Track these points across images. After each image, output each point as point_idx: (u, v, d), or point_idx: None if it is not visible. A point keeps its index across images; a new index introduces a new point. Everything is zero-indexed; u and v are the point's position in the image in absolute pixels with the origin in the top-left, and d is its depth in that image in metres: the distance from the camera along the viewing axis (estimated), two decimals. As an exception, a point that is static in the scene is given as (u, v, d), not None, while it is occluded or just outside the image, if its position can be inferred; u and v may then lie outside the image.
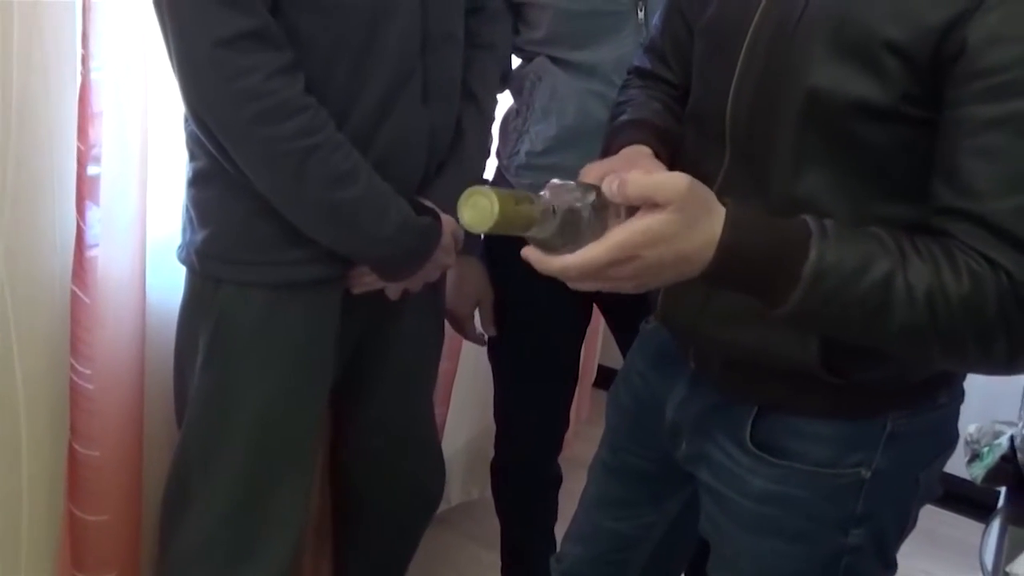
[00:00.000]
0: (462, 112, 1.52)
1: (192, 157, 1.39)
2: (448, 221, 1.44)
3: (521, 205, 0.80)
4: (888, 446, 1.07)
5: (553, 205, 0.83)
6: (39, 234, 1.39)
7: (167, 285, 1.54)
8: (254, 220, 1.35)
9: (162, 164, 1.51)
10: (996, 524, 1.82)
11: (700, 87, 1.13)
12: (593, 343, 2.84)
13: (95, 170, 1.38)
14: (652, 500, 1.31)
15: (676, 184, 0.84)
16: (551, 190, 0.84)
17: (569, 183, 0.86)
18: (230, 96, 1.23)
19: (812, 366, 1.01)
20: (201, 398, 1.43)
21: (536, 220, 0.82)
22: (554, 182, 0.85)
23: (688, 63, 1.16)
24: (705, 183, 1.04)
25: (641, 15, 1.53)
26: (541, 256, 0.85)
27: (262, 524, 1.47)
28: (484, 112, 1.58)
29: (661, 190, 0.83)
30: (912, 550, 1.26)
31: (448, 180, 1.47)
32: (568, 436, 2.04)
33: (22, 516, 1.48)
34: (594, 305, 1.87)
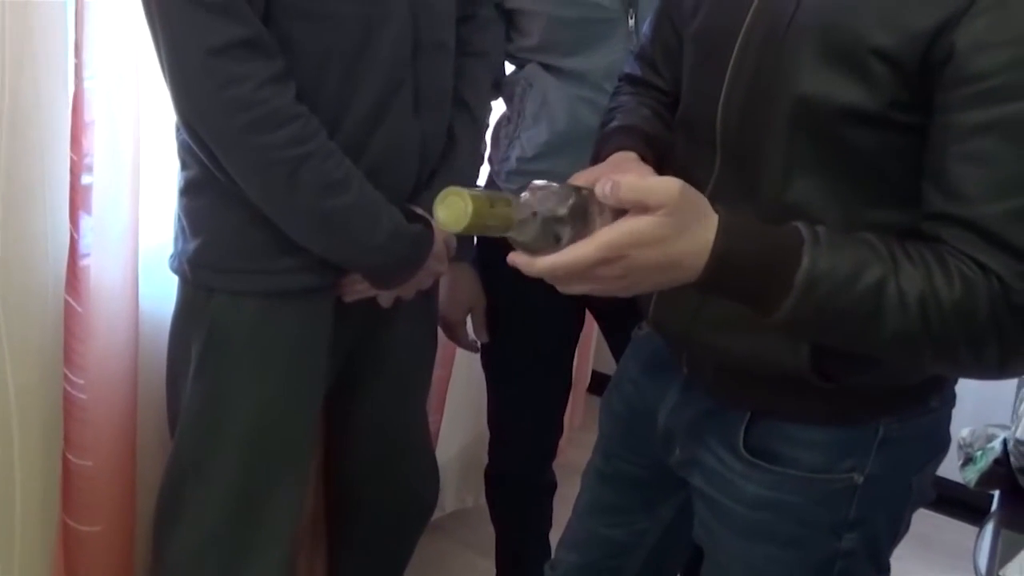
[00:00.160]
0: (454, 120, 1.52)
1: (184, 166, 1.39)
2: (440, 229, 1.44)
3: (497, 206, 0.80)
4: (880, 451, 1.07)
5: (533, 207, 0.83)
6: (31, 244, 1.39)
7: (159, 294, 1.54)
8: (246, 229, 1.35)
9: (154, 173, 1.51)
10: (990, 528, 1.82)
11: (690, 94, 1.13)
12: (587, 349, 2.84)
13: (87, 179, 1.38)
14: (646, 507, 1.31)
15: (669, 188, 0.84)
16: (532, 192, 0.84)
17: (551, 185, 0.85)
18: (222, 105, 1.23)
19: (804, 371, 1.01)
20: (194, 407, 1.43)
21: (514, 222, 0.81)
22: (535, 184, 0.85)
23: (678, 70, 1.16)
24: (695, 189, 1.05)
25: (631, 22, 1.53)
26: (527, 259, 0.85)
27: (256, 533, 1.46)
28: (476, 120, 1.58)
29: (653, 194, 0.84)
30: (905, 554, 1.26)
31: (440, 188, 1.47)
32: (562, 442, 2.04)
33: (15, 526, 1.48)
34: (587, 311, 1.87)
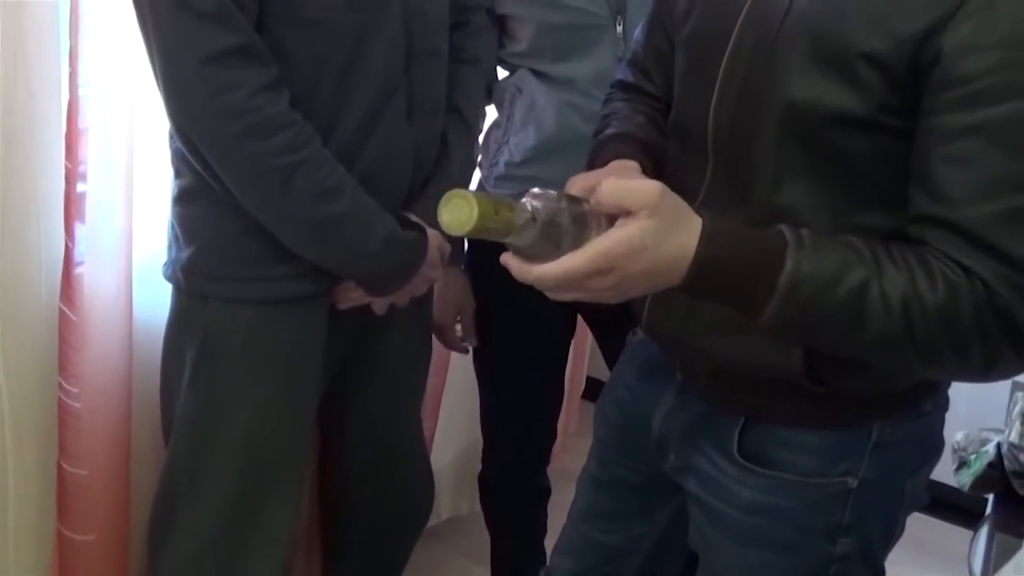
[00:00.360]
0: (447, 127, 1.52)
1: (177, 174, 1.39)
2: (434, 235, 1.44)
3: (501, 211, 0.80)
4: (874, 455, 1.08)
5: (534, 213, 0.83)
6: (25, 253, 1.38)
7: (153, 302, 1.54)
8: (240, 237, 1.35)
9: (148, 182, 1.51)
10: (984, 531, 1.82)
11: (682, 99, 1.13)
12: (582, 355, 2.85)
13: (82, 188, 1.38)
14: (641, 512, 1.31)
15: (648, 189, 0.85)
16: (532, 198, 0.85)
17: (551, 192, 0.86)
18: (216, 112, 1.23)
19: (796, 375, 1.01)
20: (188, 415, 1.43)
21: (515, 227, 0.82)
22: (535, 191, 0.86)
23: (671, 76, 1.17)
24: (688, 195, 1.05)
25: (619, 29, 1.54)
26: (520, 264, 0.86)
27: (251, 540, 1.46)
28: (469, 126, 1.58)
29: (631, 194, 0.85)
30: (900, 558, 1.26)
31: (434, 195, 1.47)
32: (557, 449, 2.04)
33: (9, 535, 1.47)
34: (580, 318, 1.87)
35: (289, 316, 1.41)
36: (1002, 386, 1.96)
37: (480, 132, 1.69)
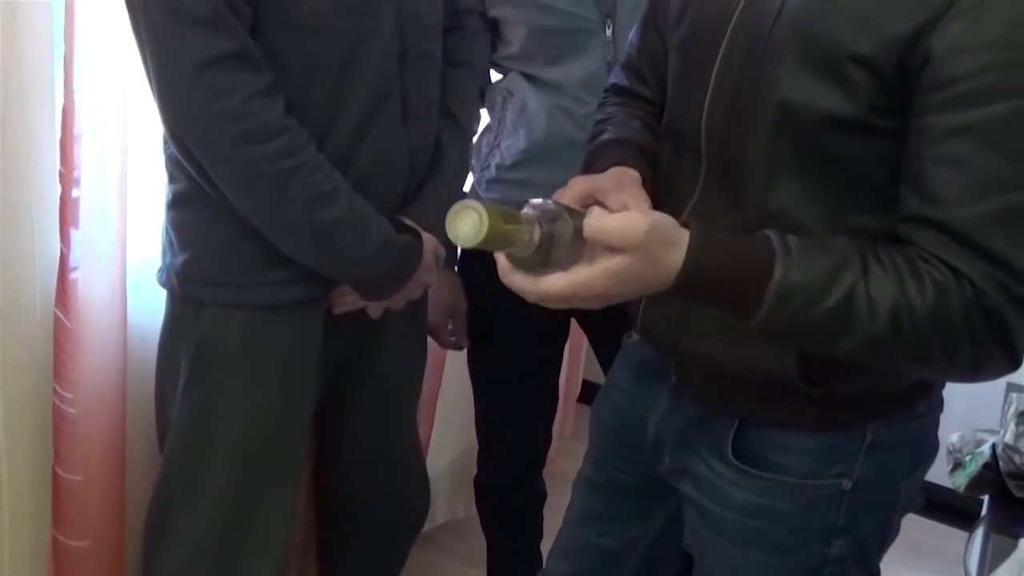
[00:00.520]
0: (441, 130, 1.52)
1: (172, 179, 1.39)
2: (429, 239, 1.44)
3: (509, 224, 0.80)
4: (868, 456, 1.08)
5: (535, 227, 0.83)
6: (20, 258, 1.38)
7: (148, 308, 1.54)
8: (234, 242, 1.35)
9: (142, 187, 1.51)
10: (980, 532, 1.83)
11: (675, 102, 1.13)
12: (577, 358, 2.85)
13: (76, 193, 1.38)
14: (637, 515, 1.31)
15: (633, 231, 0.84)
16: (533, 209, 0.84)
17: (550, 204, 0.85)
18: (211, 117, 1.23)
19: (790, 377, 1.02)
20: (183, 421, 1.43)
21: (520, 240, 0.82)
22: (535, 201, 0.85)
23: (665, 79, 1.17)
24: (682, 197, 1.05)
25: (609, 32, 1.55)
26: (508, 267, 0.86)
27: (246, 545, 1.46)
28: (463, 130, 1.58)
29: (617, 236, 0.84)
30: (895, 559, 1.26)
31: (428, 199, 1.48)
32: (552, 452, 2.04)
33: (3, 542, 1.47)
34: (576, 322, 1.87)
35: (285, 321, 1.41)
36: (997, 387, 1.97)
37: (474, 135, 1.69)
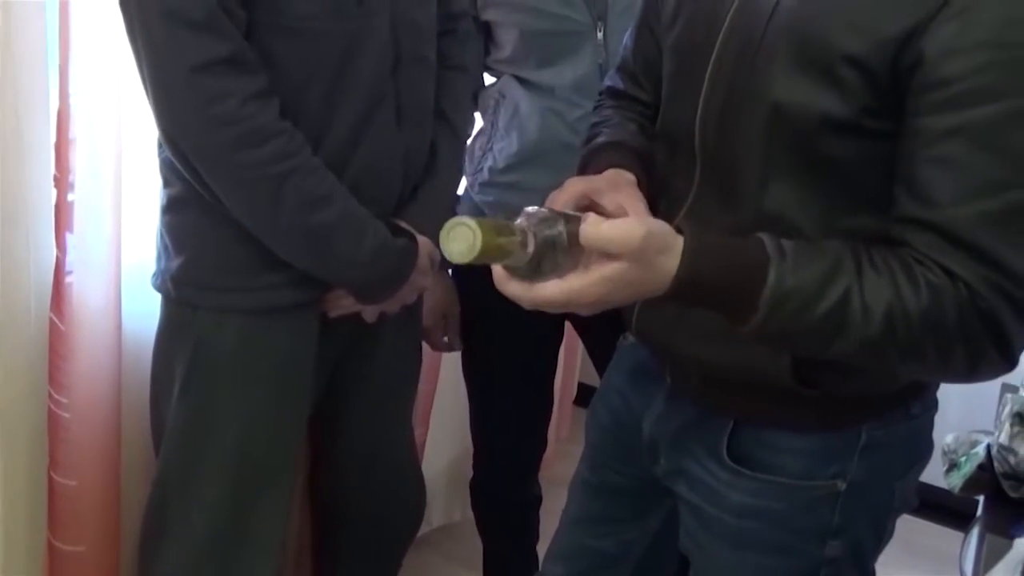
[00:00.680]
0: (436, 134, 1.53)
1: (166, 184, 1.39)
2: (424, 243, 1.44)
3: (503, 237, 0.79)
4: (863, 457, 1.08)
5: (530, 236, 0.82)
6: (15, 262, 1.38)
7: (143, 312, 1.53)
8: (230, 246, 1.35)
9: (136, 191, 1.51)
10: (975, 533, 1.83)
11: (669, 104, 1.13)
12: (573, 361, 2.85)
13: (71, 197, 1.38)
14: (633, 517, 1.31)
15: (631, 237, 0.83)
16: (527, 218, 0.84)
17: (545, 212, 0.85)
18: (206, 121, 1.23)
19: (785, 379, 1.02)
20: (178, 426, 1.43)
21: (514, 252, 0.82)
22: (529, 210, 0.85)
23: (659, 81, 1.17)
24: (677, 200, 1.05)
25: (600, 36, 1.55)
26: (503, 276, 0.86)
27: (242, 549, 1.46)
28: (457, 133, 1.59)
29: (613, 243, 0.83)
30: (890, 560, 1.27)
31: (423, 202, 1.48)
32: (548, 455, 2.04)
33: (-1, 547, 1.47)
34: (571, 326, 1.88)
35: (280, 325, 1.41)
36: (992, 388, 1.97)
37: (468, 138, 1.69)
